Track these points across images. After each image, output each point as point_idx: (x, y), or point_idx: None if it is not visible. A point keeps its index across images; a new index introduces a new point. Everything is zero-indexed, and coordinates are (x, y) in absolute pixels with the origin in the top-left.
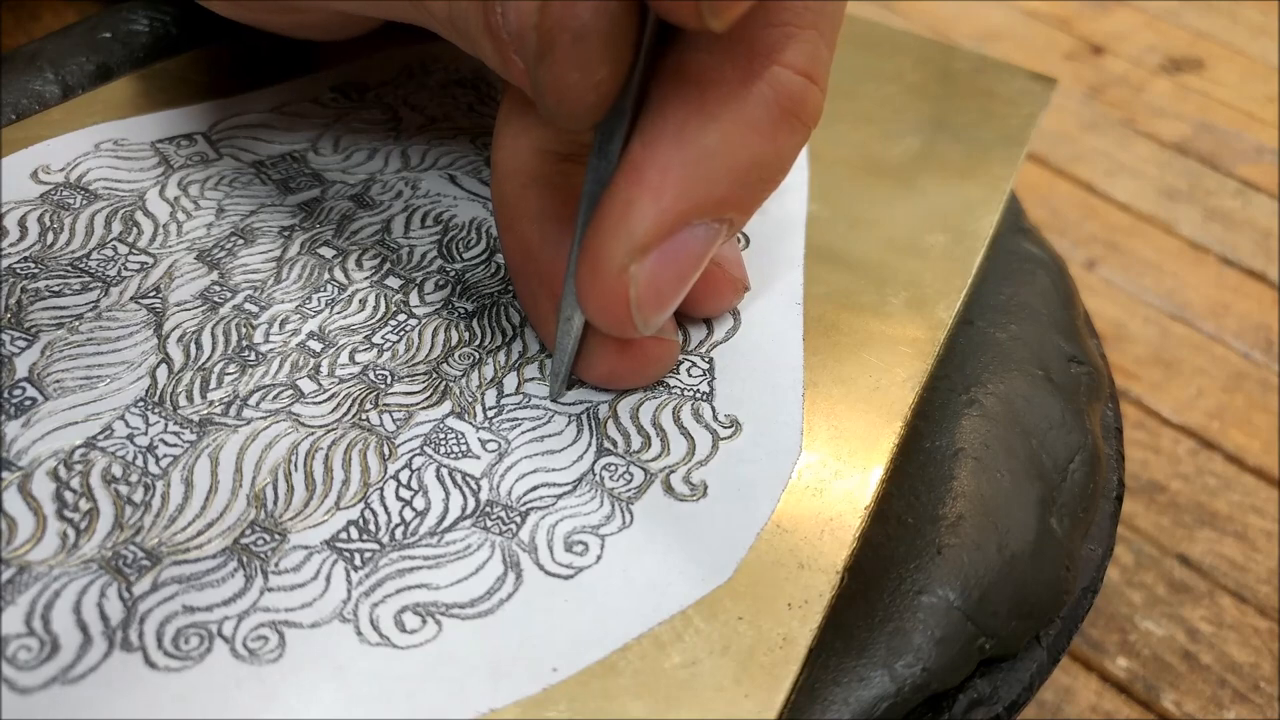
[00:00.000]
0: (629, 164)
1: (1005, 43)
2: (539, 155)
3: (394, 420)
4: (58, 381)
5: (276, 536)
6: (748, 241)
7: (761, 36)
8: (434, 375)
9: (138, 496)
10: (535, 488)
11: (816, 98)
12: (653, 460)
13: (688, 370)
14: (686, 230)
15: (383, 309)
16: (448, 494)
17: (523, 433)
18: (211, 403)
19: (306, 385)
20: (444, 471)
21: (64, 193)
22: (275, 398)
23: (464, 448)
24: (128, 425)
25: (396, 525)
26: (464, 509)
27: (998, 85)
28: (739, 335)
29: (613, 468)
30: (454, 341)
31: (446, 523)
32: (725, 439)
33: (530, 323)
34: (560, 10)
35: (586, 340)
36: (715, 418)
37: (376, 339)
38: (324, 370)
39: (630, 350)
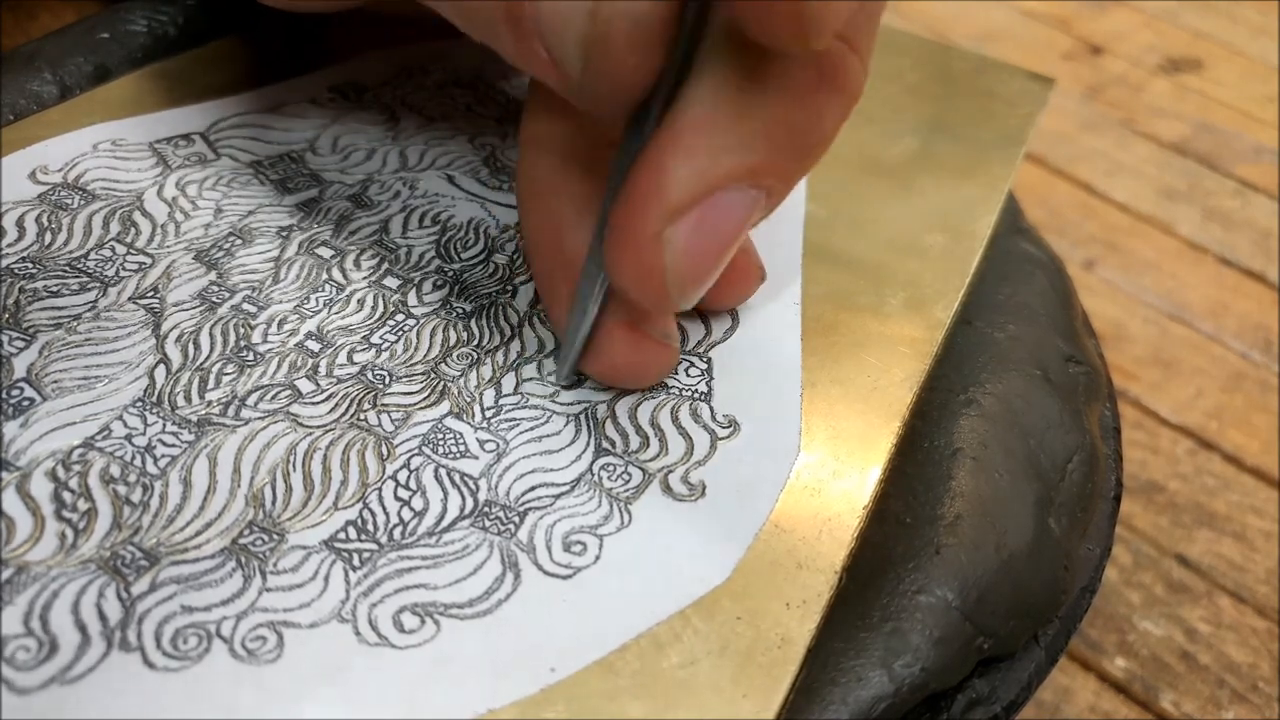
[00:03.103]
0: (665, 127)
1: (1004, 43)
2: (574, 135)
3: (392, 420)
4: (56, 382)
5: (275, 537)
6: None
7: None
8: (432, 375)
9: (136, 497)
10: (533, 488)
11: (856, 66)
12: (651, 460)
13: (686, 370)
14: (723, 194)
15: (381, 309)
16: (446, 494)
17: (521, 433)
18: (210, 403)
19: (305, 385)
20: (442, 471)
21: (62, 193)
22: (273, 398)
23: (462, 448)
24: (126, 425)
25: (395, 525)
26: (462, 509)
27: (997, 85)
28: (737, 335)
29: (611, 468)
30: (452, 341)
31: (445, 523)
32: (723, 439)
33: (544, 305)
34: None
35: (595, 331)
36: (714, 418)
37: (375, 339)
38: (322, 370)
39: (637, 347)
